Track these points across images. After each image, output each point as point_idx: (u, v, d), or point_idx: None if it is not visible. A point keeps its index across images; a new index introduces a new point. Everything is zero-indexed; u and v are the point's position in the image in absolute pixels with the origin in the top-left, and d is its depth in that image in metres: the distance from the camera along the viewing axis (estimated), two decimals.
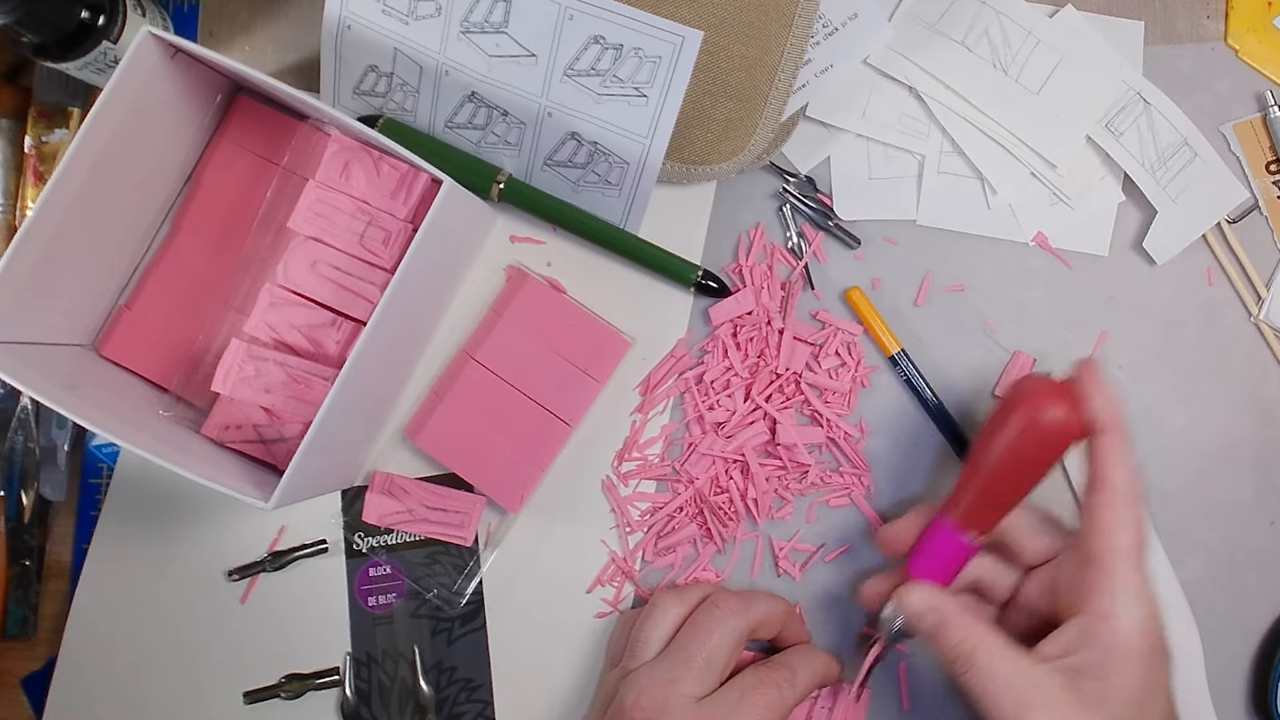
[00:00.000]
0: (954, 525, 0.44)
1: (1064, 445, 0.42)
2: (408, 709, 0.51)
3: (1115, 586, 0.39)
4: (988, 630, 0.41)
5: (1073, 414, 0.42)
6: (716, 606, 0.46)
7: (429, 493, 0.52)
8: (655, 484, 0.52)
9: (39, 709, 0.52)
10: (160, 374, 0.51)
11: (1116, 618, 0.39)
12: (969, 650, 0.40)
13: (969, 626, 0.41)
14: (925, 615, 0.43)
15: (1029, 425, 0.42)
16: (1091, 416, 0.42)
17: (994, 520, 0.43)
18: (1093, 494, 0.41)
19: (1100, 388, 0.42)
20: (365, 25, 0.49)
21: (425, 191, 0.48)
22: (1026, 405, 0.42)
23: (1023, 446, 0.42)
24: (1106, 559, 0.40)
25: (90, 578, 0.52)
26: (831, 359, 0.51)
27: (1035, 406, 0.42)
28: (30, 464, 0.52)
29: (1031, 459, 0.42)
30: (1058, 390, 0.42)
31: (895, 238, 0.53)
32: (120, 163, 0.46)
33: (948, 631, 0.42)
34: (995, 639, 0.41)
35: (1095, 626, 0.39)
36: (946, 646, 0.41)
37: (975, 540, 0.44)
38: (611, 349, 0.51)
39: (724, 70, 0.48)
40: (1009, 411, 0.42)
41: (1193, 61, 0.53)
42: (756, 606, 0.47)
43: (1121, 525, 0.40)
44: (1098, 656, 0.39)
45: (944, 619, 0.42)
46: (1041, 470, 0.42)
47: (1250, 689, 0.51)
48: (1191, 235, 0.52)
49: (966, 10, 0.52)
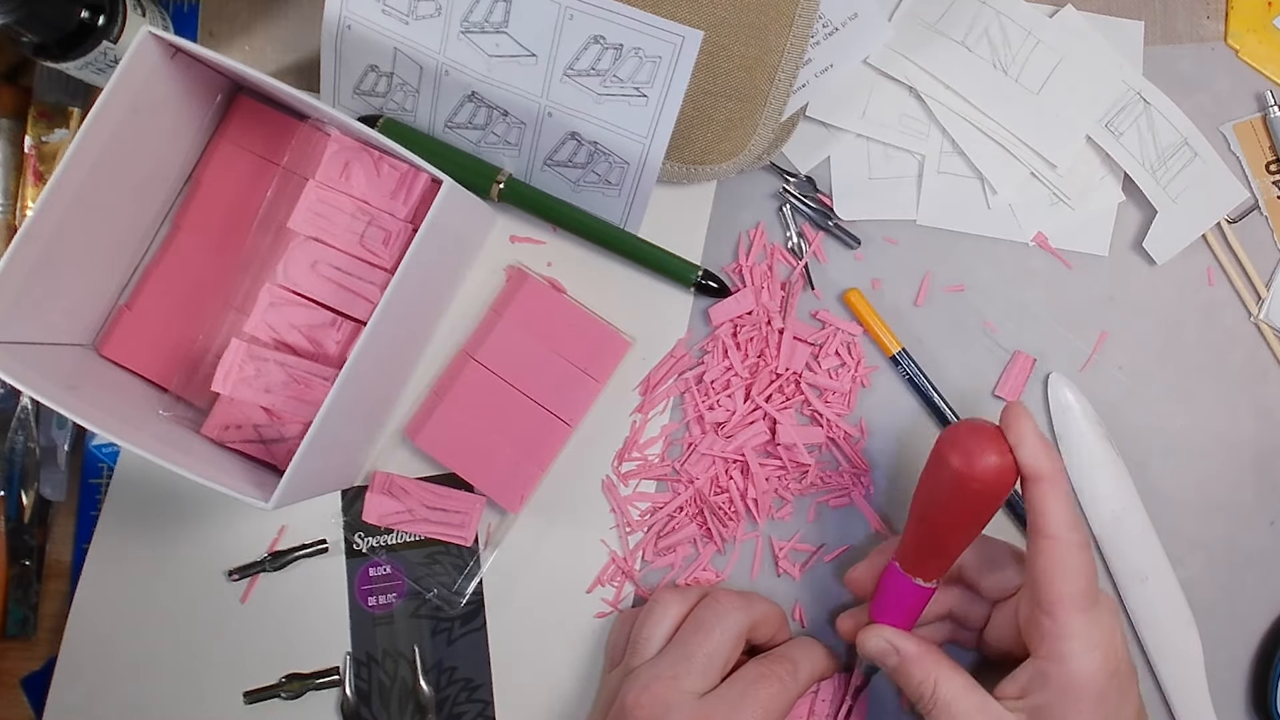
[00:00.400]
0: (905, 571, 0.43)
1: (998, 495, 0.40)
2: (408, 709, 0.51)
3: (1064, 632, 0.39)
4: (950, 670, 0.42)
5: (1004, 461, 0.40)
6: (718, 603, 0.46)
7: (429, 493, 0.52)
8: (655, 484, 0.52)
9: (39, 709, 0.52)
10: (160, 374, 0.51)
11: (1067, 661, 0.39)
12: (930, 689, 0.41)
13: (930, 666, 0.42)
14: (886, 656, 0.43)
15: (960, 476, 0.40)
16: (1023, 464, 0.40)
17: (941, 566, 0.43)
18: (1033, 541, 0.41)
19: (1030, 434, 0.40)
20: (365, 25, 0.49)
21: (425, 191, 0.48)
22: (958, 454, 0.40)
23: (956, 498, 0.40)
24: (1055, 606, 0.40)
25: (90, 578, 0.52)
26: (831, 359, 0.51)
27: (965, 456, 0.40)
28: (30, 464, 0.52)
29: (966, 510, 0.41)
30: (988, 437, 0.40)
31: (895, 238, 0.53)
32: (120, 163, 0.46)
33: (910, 671, 0.42)
34: (958, 679, 0.41)
35: (1048, 669, 0.40)
36: (909, 686, 0.42)
37: (927, 584, 0.43)
38: (611, 349, 0.51)
39: (724, 70, 0.48)
40: (940, 461, 0.41)
41: (1193, 61, 0.53)
42: (756, 604, 0.47)
43: (1066, 571, 0.40)
44: (1053, 698, 0.40)
45: (904, 660, 0.43)
46: (979, 518, 0.41)
47: (1250, 689, 0.51)
48: (1191, 235, 0.52)
49: (966, 10, 0.52)
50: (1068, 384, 0.52)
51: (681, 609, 0.47)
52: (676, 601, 0.47)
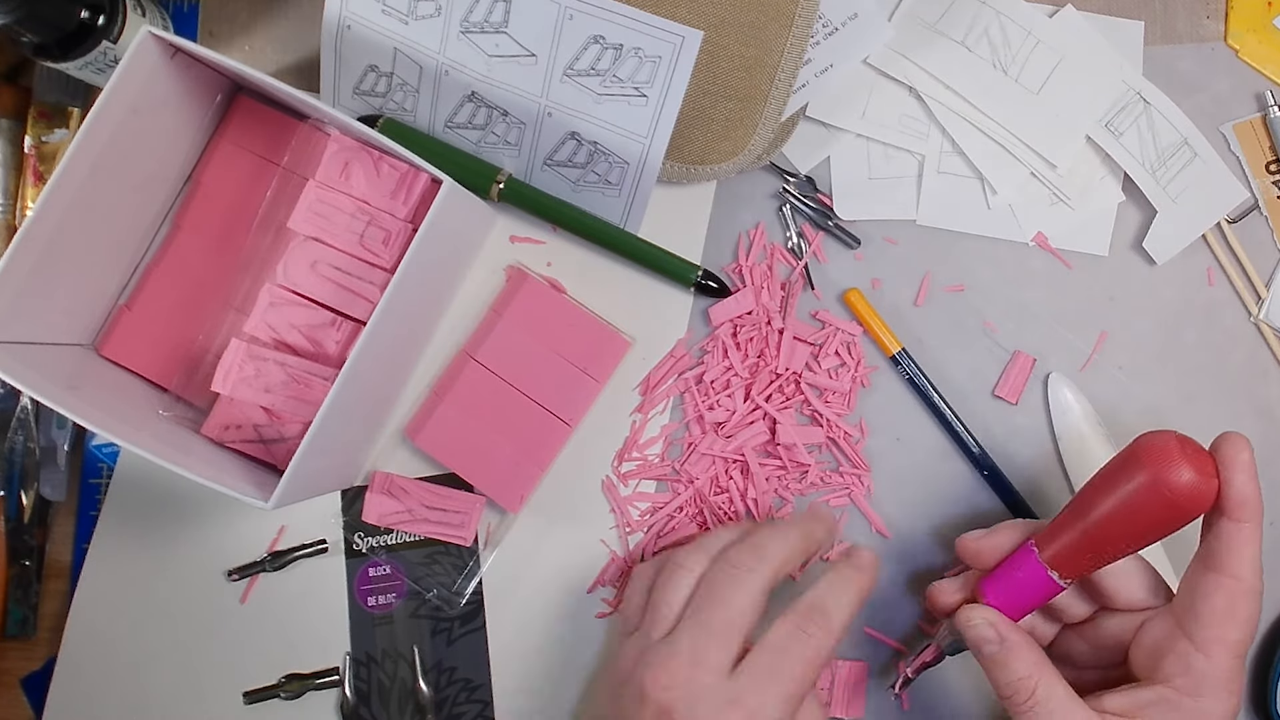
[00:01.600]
0: (1043, 561, 0.41)
1: (1188, 517, 0.38)
2: (408, 709, 0.51)
3: (1213, 671, 0.38)
4: (1052, 674, 0.40)
5: (1208, 486, 0.37)
6: (732, 565, 0.43)
7: (429, 493, 0.52)
8: (655, 484, 0.52)
9: (39, 709, 0.52)
10: (160, 374, 0.51)
11: (1205, 699, 0.38)
12: (1029, 691, 0.39)
13: (1033, 666, 0.40)
14: (990, 642, 0.41)
15: (1153, 486, 0.37)
16: (1234, 499, 0.38)
17: (1088, 569, 0.41)
18: (1210, 575, 0.39)
19: (1248, 466, 0.38)
20: (365, 25, 0.49)
21: (425, 191, 0.48)
22: (1156, 462, 0.37)
23: (1140, 506, 0.38)
24: (1212, 646, 0.38)
25: (90, 578, 0.52)
26: (831, 359, 0.51)
27: (1165, 468, 0.37)
28: (30, 464, 0.52)
29: (1147, 520, 0.38)
30: (1193, 455, 0.38)
31: (895, 238, 0.53)
32: (120, 163, 0.46)
33: (1010, 666, 0.40)
34: (1060, 686, 0.39)
35: (1180, 701, 0.38)
36: (1005, 681, 0.40)
37: (1061, 581, 0.41)
38: (611, 349, 0.51)
39: (724, 70, 0.48)
40: (1133, 464, 0.38)
41: (1193, 61, 0.53)
42: (774, 556, 0.43)
43: (1236, 618, 0.38)
44: None
45: (1008, 651, 0.40)
46: (1155, 534, 0.39)
47: (1250, 689, 0.51)
48: (1191, 235, 0.52)
49: (966, 10, 0.52)
50: (1068, 384, 0.52)
51: (703, 566, 0.44)
52: (700, 560, 0.44)
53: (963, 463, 0.52)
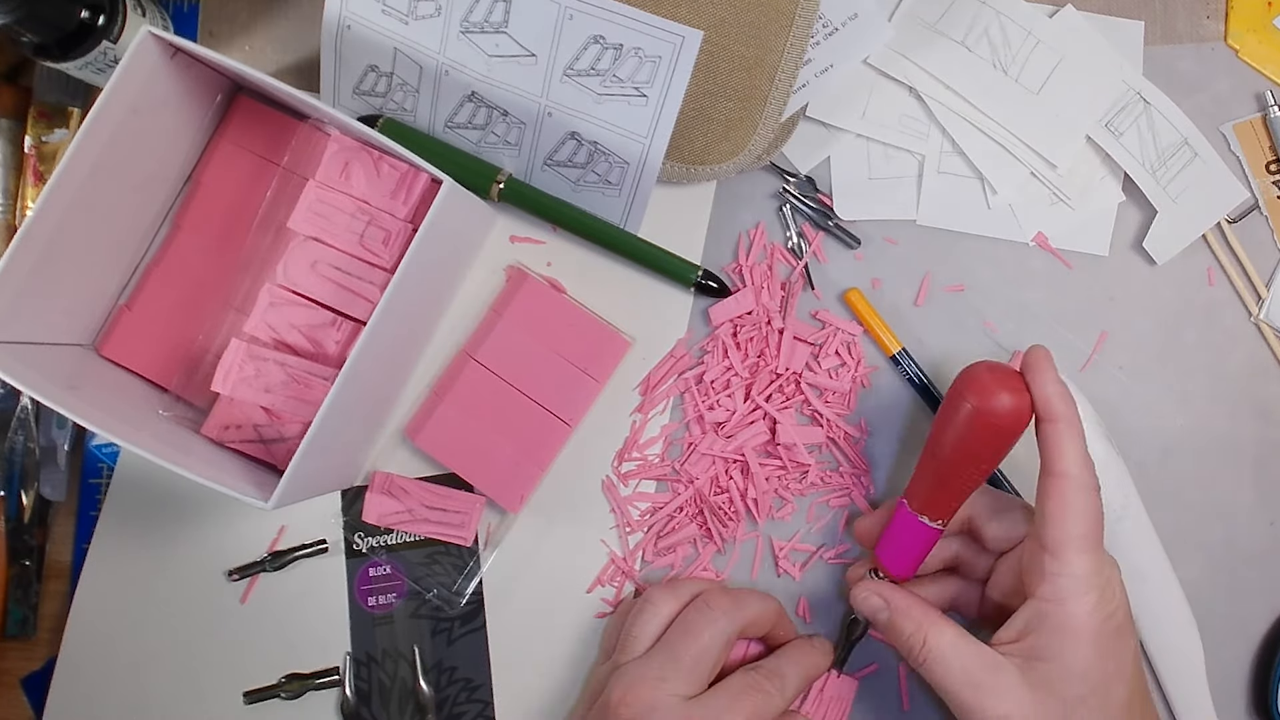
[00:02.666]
0: (913, 510, 0.44)
1: (1013, 433, 0.41)
2: (408, 709, 0.51)
3: (1065, 571, 0.40)
4: (938, 620, 0.42)
5: (1020, 401, 0.41)
6: (708, 606, 0.46)
7: (429, 493, 0.52)
8: (655, 484, 0.52)
9: (39, 709, 0.52)
10: (160, 374, 0.51)
11: (1066, 601, 0.40)
12: (920, 643, 0.42)
13: (919, 619, 0.42)
14: (878, 611, 0.44)
15: (976, 413, 0.41)
16: (1041, 404, 0.41)
17: (951, 506, 0.43)
18: (1044, 480, 0.41)
19: (1049, 374, 0.41)
20: (365, 25, 0.49)
21: (425, 191, 0.48)
22: (974, 393, 0.41)
23: (971, 434, 0.41)
24: (1059, 546, 0.40)
25: (90, 578, 0.52)
26: (831, 359, 0.51)
27: (982, 394, 0.41)
28: (30, 464, 0.52)
29: (980, 447, 0.41)
30: (1006, 377, 0.41)
31: (895, 238, 0.53)
32: (120, 163, 0.46)
33: (900, 624, 0.43)
34: (946, 627, 0.42)
35: (1047, 609, 0.40)
36: (900, 640, 0.43)
37: (934, 524, 0.44)
38: (611, 349, 0.51)
39: (724, 70, 0.48)
40: (958, 398, 0.42)
41: (1193, 61, 0.53)
42: (748, 607, 0.47)
43: (1073, 512, 0.40)
44: (1049, 639, 0.40)
45: (894, 614, 0.43)
46: (992, 457, 0.42)
47: (1250, 689, 0.51)
48: (1191, 235, 0.52)
49: (966, 10, 0.52)
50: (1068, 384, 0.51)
51: (673, 607, 0.47)
52: (668, 600, 0.47)
53: None
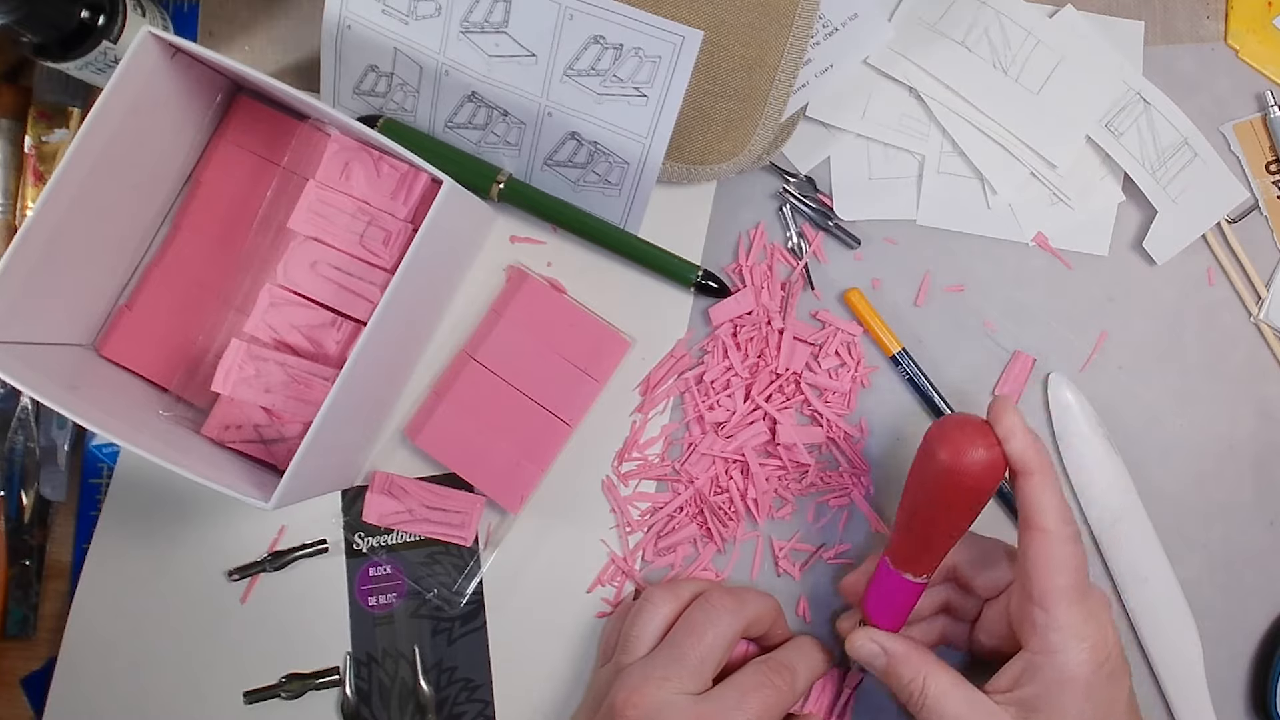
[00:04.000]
0: (894, 567, 0.44)
1: (987, 488, 0.40)
2: (408, 709, 0.51)
3: (1055, 624, 0.40)
4: (938, 669, 0.42)
5: (993, 456, 0.40)
6: (711, 605, 0.46)
7: (429, 493, 0.52)
8: (655, 484, 0.52)
9: (39, 709, 0.52)
10: (160, 374, 0.51)
11: (1057, 652, 0.40)
12: (920, 687, 0.42)
13: (917, 666, 0.42)
14: (875, 658, 0.44)
15: (950, 470, 0.40)
16: (1013, 459, 0.40)
17: (931, 561, 0.43)
18: (1025, 533, 0.41)
19: (1019, 428, 0.41)
20: (365, 25, 0.49)
21: (425, 191, 0.48)
22: (946, 448, 0.40)
23: (946, 490, 0.40)
24: (1046, 598, 0.40)
25: (90, 578, 0.52)
26: (831, 359, 0.51)
27: (955, 450, 0.40)
28: (30, 464, 0.52)
29: (956, 502, 0.41)
30: (977, 431, 0.40)
31: (895, 238, 0.53)
32: (120, 163, 0.46)
33: (899, 671, 0.43)
34: (945, 677, 0.42)
35: (1039, 661, 0.40)
36: (898, 686, 0.43)
37: (917, 579, 0.43)
38: (611, 349, 0.51)
39: (724, 70, 0.48)
40: (930, 454, 0.41)
41: (1193, 61, 0.53)
42: (750, 605, 0.47)
43: (1056, 565, 0.40)
44: (1043, 690, 0.40)
45: (892, 660, 0.43)
46: (967, 512, 0.41)
47: (1250, 689, 0.51)
48: (1191, 235, 0.52)
49: (966, 10, 0.52)
50: (1068, 384, 0.52)
51: (674, 607, 0.47)
52: (669, 600, 0.47)
53: None
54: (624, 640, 0.47)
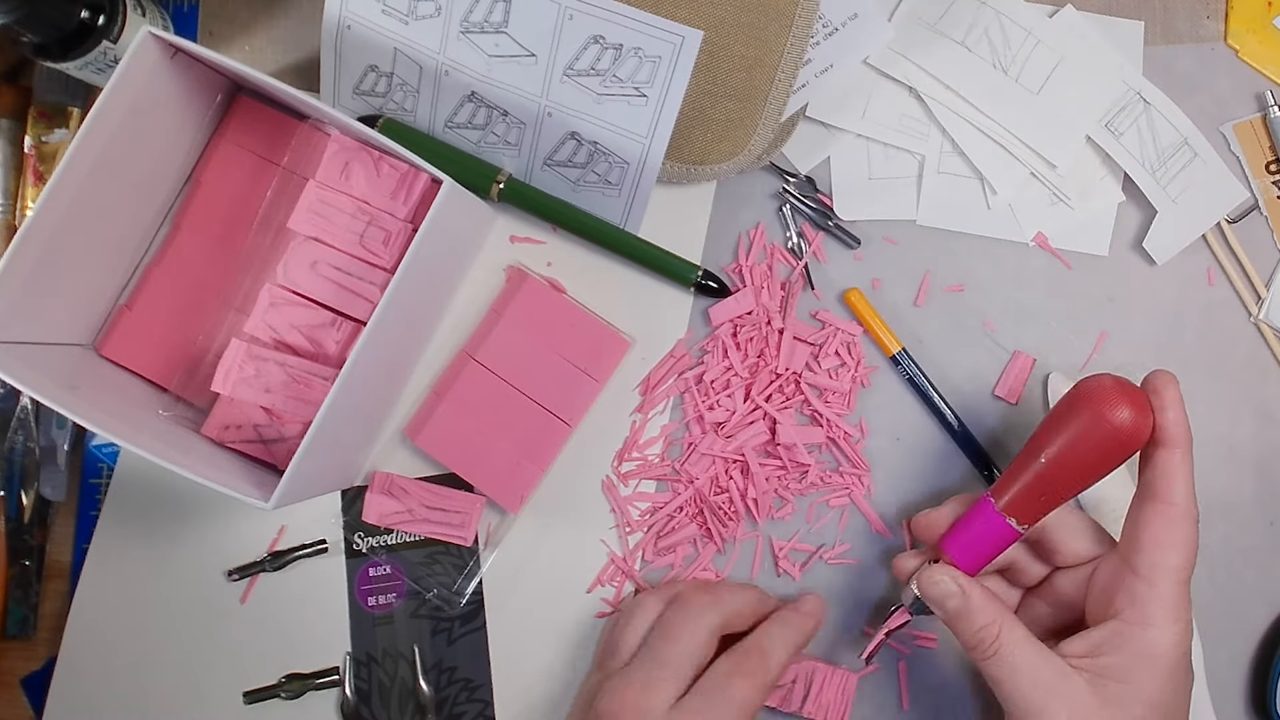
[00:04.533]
0: (1000, 509, 0.43)
1: (1130, 449, 0.41)
2: (408, 709, 0.51)
3: (1157, 598, 0.39)
4: (1013, 620, 0.41)
5: (1142, 420, 0.40)
6: (686, 604, 0.46)
7: (429, 493, 0.52)
8: (655, 484, 0.52)
9: (39, 709, 0.52)
10: (160, 374, 0.51)
11: (1153, 628, 0.39)
12: (993, 637, 0.41)
13: (994, 614, 0.41)
14: (951, 597, 0.42)
15: (1095, 423, 0.40)
16: (1163, 428, 0.41)
17: (1042, 511, 0.42)
18: (1148, 505, 0.41)
19: (1178, 400, 0.41)
20: (365, 25, 0.49)
21: (425, 191, 0.48)
22: (1096, 403, 0.40)
23: (1085, 443, 0.41)
24: (1154, 572, 0.40)
25: (90, 578, 0.52)
26: (831, 359, 0.51)
27: (1105, 405, 0.40)
28: (30, 464, 0.52)
29: (1092, 458, 0.41)
30: (1130, 393, 0.41)
31: (895, 238, 0.53)
32: (120, 163, 0.46)
33: (972, 616, 0.41)
34: (1020, 630, 0.41)
35: (1130, 632, 0.40)
36: (969, 631, 0.41)
37: (1018, 527, 0.42)
38: (611, 349, 0.51)
39: (724, 70, 0.48)
40: (1076, 406, 0.41)
41: (1193, 61, 0.53)
42: (725, 600, 0.46)
43: (1174, 542, 0.40)
44: (1127, 661, 0.39)
45: (969, 603, 0.42)
46: (1100, 470, 0.41)
47: (1250, 689, 0.51)
48: (1191, 235, 0.52)
49: (966, 10, 0.52)
50: (1068, 384, 0.52)
51: (657, 610, 0.47)
52: (653, 604, 0.47)
53: (963, 462, 0.52)
54: (610, 646, 0.47)
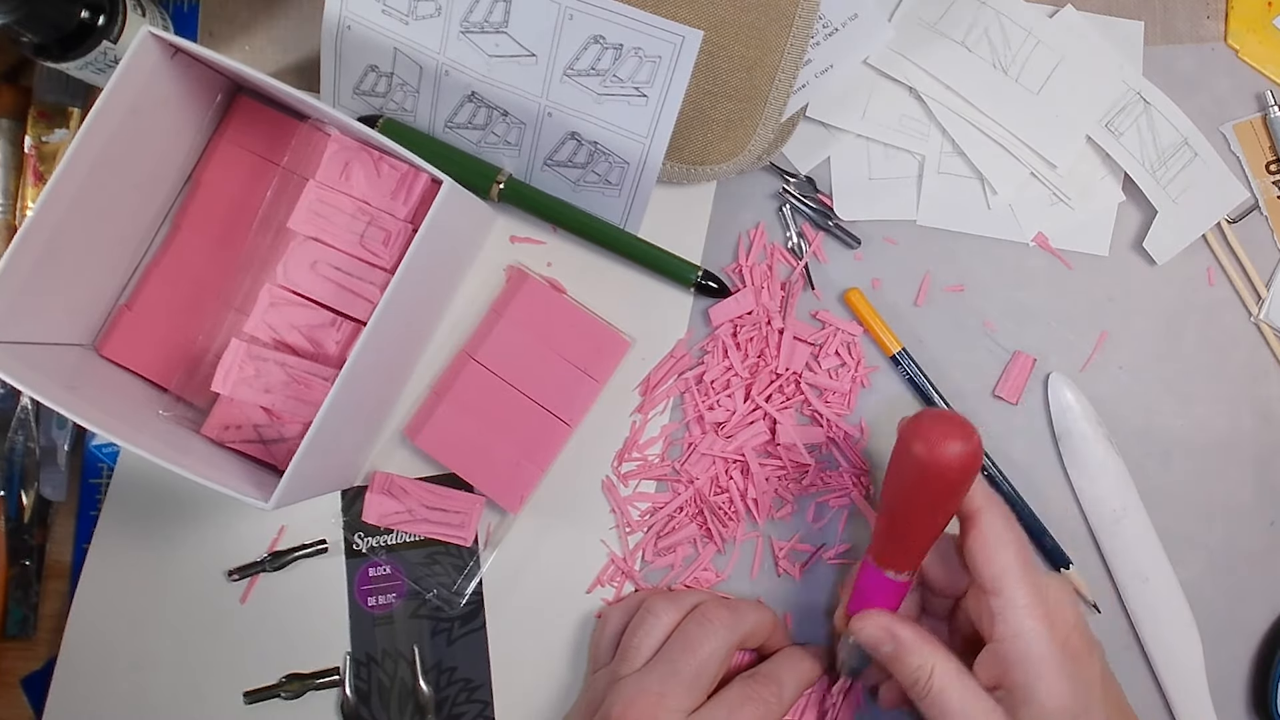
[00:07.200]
0: (877, 565, 0.43)
1: (964, 480, 0.40)
2: (408, 709, 0.51)
3: (1009, 604, 0.40)
4: (945, 657, 0.42)
5: (970, 447, 0.39)
6: (706, 618, 0.46)
7: (429, 493, 0.52)
8: (655, 484, 0.52)
9: (39, 709, 0.52)
10: (160, 374, 0.51)
11: (1021, 635, 0.40)
12: (926, 676, 0.41)
13: (927, 654, 0.42)
14: (882, 642, 0.43)
15: (925, 463, 0.39)
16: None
17: (912, 558, 0.43)
18: (964, 525, 0.42)
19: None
20: (365, 25, 0.49)
21: (425, 191, 0.48)
22: (921, 442, 0.39)
23: (922, 484, 0.40)
24: (995, 582, 0.41)
25: (90, 578, 0.52)
26: (831, 359, 0.51)
27: (929, 444, 0.39)
28: (30, 464, 0.52)
29: (934, 497, 0.40)
30: (953, 424, 0.40)
31: (895, 238, 0.53)
32: (120, 163, 0.46)
33: (906, 657, 0.42)
34: (953, 666, 0.41)
35: (1006, 649, 0.40)
36: (905, 672, 0.42)
37: (898, 577, 0.43)
38: (611, 349, 0.51)
39: (724, 70, 0.48)
40: (905, 448, 0.40)
41: (1193, 61, 0.53)
42: (746, 618, 0.47)
43: (998, 544, 0.41)
44: (1019, 677, 0.40)
45: (900, 646, 0.42)
46: (944, 506, 0.41)
47: (1250, 689, 0.51)
48: (1191, 235, 0.52)
49: (966, 10, 0.52)
50: (1068, 384, 0.52)
51: (674, 618, 0.47)
52: (669, 610, 0.47)
53: None
54: (623, 649, 0.47)
